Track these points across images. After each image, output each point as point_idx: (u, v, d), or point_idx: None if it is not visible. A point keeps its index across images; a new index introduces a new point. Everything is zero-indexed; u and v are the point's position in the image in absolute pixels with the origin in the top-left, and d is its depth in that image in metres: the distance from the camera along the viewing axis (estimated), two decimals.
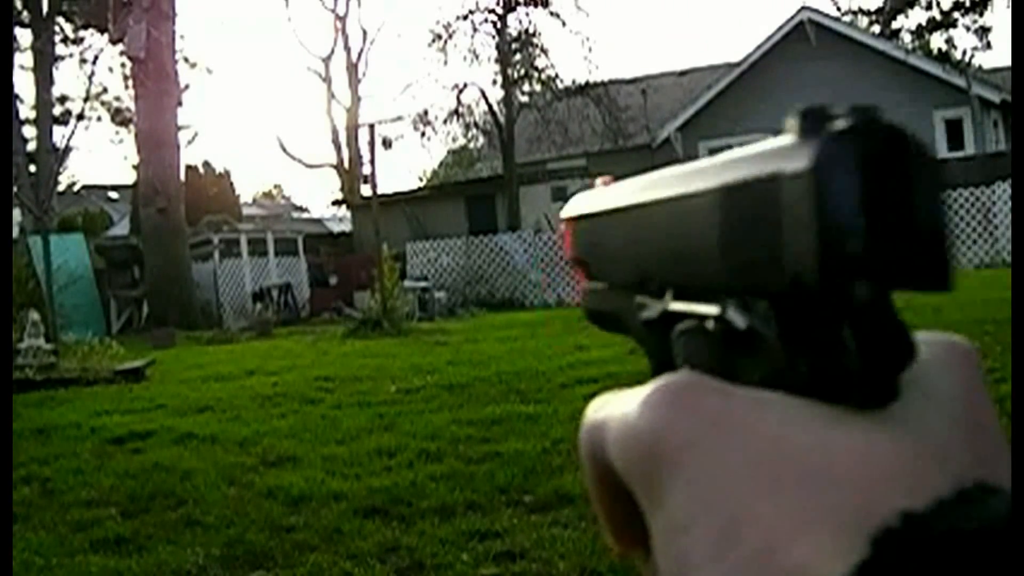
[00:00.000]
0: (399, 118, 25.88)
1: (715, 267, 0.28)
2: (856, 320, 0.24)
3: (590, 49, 29.71)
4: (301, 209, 42.95)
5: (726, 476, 0.24)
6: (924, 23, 29.53)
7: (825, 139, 0.24)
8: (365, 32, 35.43)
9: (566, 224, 0.42)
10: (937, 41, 29.08)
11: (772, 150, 0.25)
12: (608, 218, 0.37)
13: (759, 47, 24.54)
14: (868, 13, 30.61)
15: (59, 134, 27.94)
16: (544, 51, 24.80)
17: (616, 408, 0.28)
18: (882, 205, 0.23)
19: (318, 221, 32.67)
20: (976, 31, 29.80)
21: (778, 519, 0.23)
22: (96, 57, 28.75)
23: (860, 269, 0.23)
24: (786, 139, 0.25)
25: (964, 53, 28.58)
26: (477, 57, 24.82)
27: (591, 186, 0.41)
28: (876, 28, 29.01)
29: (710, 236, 0.28)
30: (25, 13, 27.60)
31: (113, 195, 39.60)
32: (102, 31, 25.10)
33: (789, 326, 0.25)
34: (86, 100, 28.76)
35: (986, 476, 0.24)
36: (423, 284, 19.57)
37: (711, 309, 0.28)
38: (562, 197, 22.25)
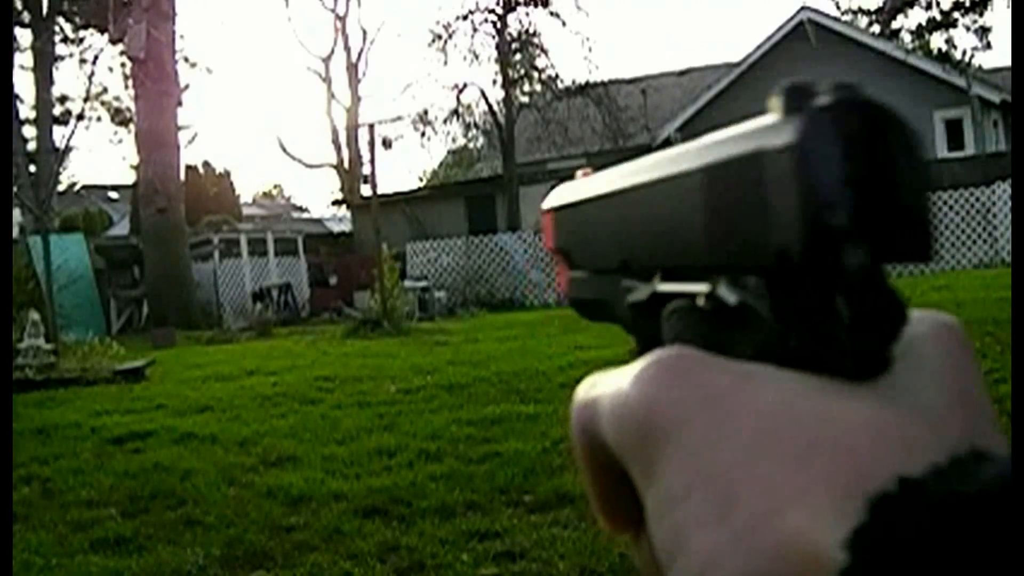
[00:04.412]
0: (399, 118, 25.92)
1: (700, 246, 0.28)
2: (849, 290, 0.24)
3: (590, 49, 29.83)
4: (301, 209, 43.03)
5: (721, 446, 0.24)
6: (924, 23, 29.52)
7: (809, 114, 0.24)
8: (365, 32, 35.44)
9: (547, 215, 0.42)
10: (937, 41, 29.07)
11: (755, 128, 0.25)
12: (591, 205, 0.37)
13: (759, 47, 24.54)
14: (868, 13, 30.60)
15: (59, 134, 27.94)
16: (544, 51, 24.81)
17: (608, 385, 0.28)
18: (866, 178, 0.24)
19: (318, 221, 32.72)
20: (976, 31, 29.80)
21: (775, 485, 0.23)
22: (96, 57, 28.71)
23: (845, 242, 0.24)
24: (770, 117, 0.25)
25: (964, 53, 28.57)
26: (477, 57, 24.84)
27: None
28: (876, 28, 29.00)
29: (695, 216, 0.28)
30: (25, 13, 27.58)
31: (113, 195, 39.62)
32: (102, 31, 25.10)
33: (781, 299, 0.25)
34: (86, 100, 28.78)
35: (979, 443, 0.24)
36: (423, 284, 19.57)
37: (701, 287, 0.28)
38: None
